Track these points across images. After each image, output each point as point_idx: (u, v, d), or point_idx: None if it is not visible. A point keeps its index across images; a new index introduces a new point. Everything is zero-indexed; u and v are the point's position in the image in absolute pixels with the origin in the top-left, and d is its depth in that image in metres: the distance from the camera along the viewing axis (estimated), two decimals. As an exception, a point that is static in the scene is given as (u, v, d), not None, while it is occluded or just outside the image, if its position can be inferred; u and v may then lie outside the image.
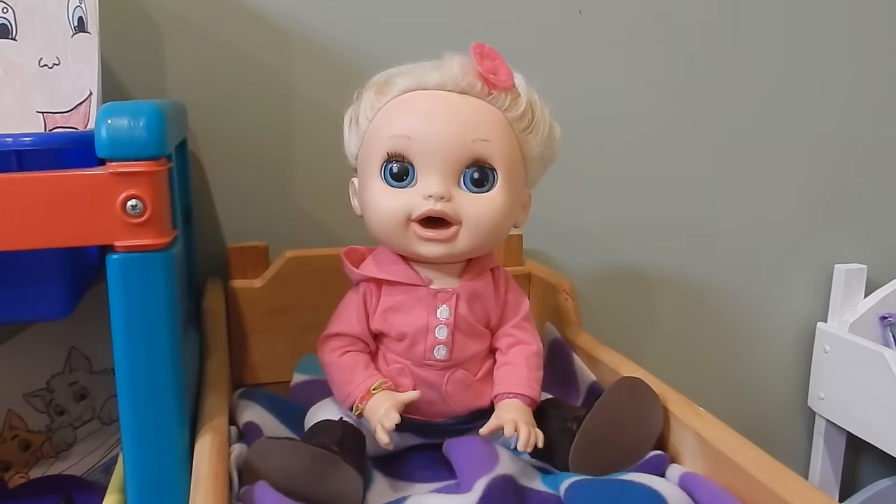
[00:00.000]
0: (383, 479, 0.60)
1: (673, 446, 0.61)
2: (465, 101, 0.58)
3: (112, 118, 0.47)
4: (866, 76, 1.03)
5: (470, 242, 0.59)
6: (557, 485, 0.56)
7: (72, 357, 0.77)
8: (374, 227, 0.61)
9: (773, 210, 1.03)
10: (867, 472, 1.13)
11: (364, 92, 0.61)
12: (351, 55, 0.84)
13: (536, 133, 0.61)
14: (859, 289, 1.03)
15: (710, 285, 1.03)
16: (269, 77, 0.84)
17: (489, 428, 0.58)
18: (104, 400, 0.78)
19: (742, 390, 1.07)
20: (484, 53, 0.58)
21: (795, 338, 1.07)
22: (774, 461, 0.52)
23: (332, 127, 0.65)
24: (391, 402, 0.57)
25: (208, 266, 0.84)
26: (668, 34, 0.94)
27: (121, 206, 0.47)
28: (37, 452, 0.77)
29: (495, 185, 0.59)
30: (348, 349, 0.62)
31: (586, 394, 0.72)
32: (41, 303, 0.53)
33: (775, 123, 1.01)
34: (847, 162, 1.05)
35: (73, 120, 0.61)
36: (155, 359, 0.50)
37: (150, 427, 0.51)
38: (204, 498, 0.47)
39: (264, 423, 0.65)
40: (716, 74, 0.97)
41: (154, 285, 0.49)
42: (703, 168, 0.99)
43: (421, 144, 0.57)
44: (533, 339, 0.64)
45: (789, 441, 1.10)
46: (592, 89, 0.93)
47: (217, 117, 0.82)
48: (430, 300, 0.61)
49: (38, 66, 0.61)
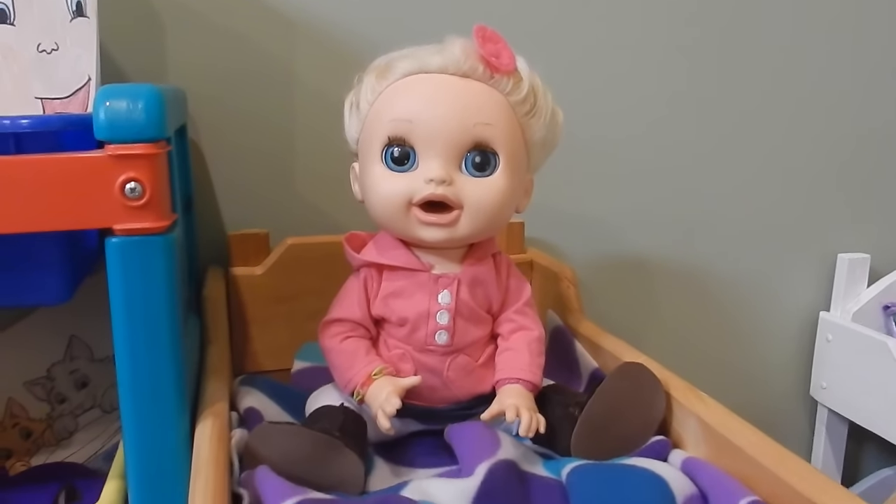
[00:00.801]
0: (385, 465, 0.60)
1: (676, 432, 0.61)
2: (467, 85, 0.58)
3: (110, 100, 0.47)
4: (868, 66, 1.02)
5: (471, 227, 0.58)
6: (559, 470, 0.55)
7: (72, 345, 0.77)
8: (375, 212, 0.60)
9: (776, 199, 1.03)
10: (869, 462, 1.13)
11: (365, 76, 0.61)
12: (353, 42, 0.84)
13: (539, 117, 0.60)
14: (862, 278, 1.03)
15: (713, 274, 1.03)
16: (270, 64, 0.83)
17: (491, 413, 0.57)
18: (105, 388, 0.78)
19: (744, 379, 1.07)
20: (486, 37, 0.58)
21: (798, 327, 1.07)
22: (777, 445, 0.52)
23: (333, 114, 0.65)
24: (392, 387, 0.57)
25: (209, 254, 0.83)
26: (672, 23, 0.94)
27: (119, 188, 0.47)
28: (38, 440, 0.76)
29: (497, 170, 0.58)
30: (349, 335, 0.61)
31: (588, 380, 0.71)
32: (40, 288, 0.53)
33: (778, 113, 1.00)
34: (850, 152, 1.04)
35: (71, 105, 0.60)
36: (155, 343, 0.50)
37: (151, 412, 0.51)
38: (205, 482, 0.47)
39: (265, 409, 0.65)
40: (719, 64, 0.97)
41: (154, 269, 0.49)
42: (705, 157, 0.99)
43: (422, 128, 0.57)
44: (535, 325, 0.64)
45: (791, 430, 1.10)
46: (595, 76, 0.93)
47: (217, 104, 0.82)
48: (432, 285, 0.60)
49: (36, 51, 0.60)
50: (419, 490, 0.53)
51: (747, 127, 1.00)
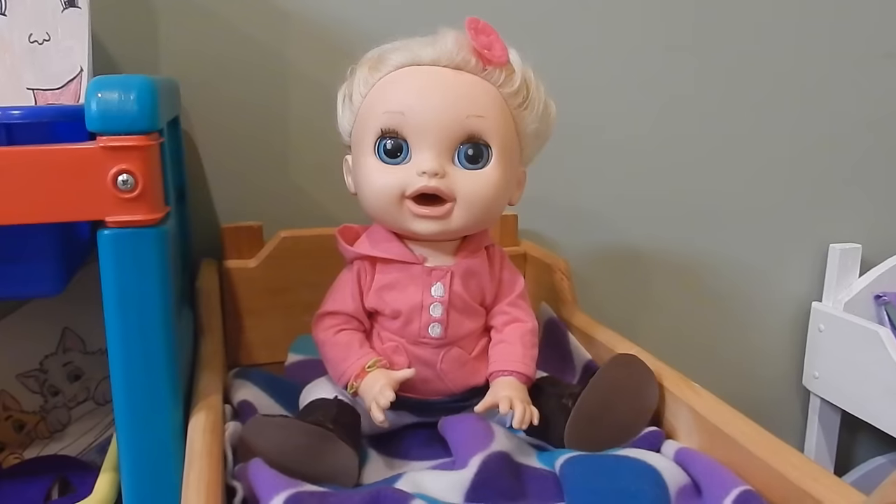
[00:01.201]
0: (379, 457, 0.60)
1: (668, 422, 0.61)
2: (460, 77, 0.58)
3: (102, 91, 0.47)
4: (860, 58, 1.02)
5: (464, 219, 0.58)
6: (553, 461, 0.55)
7: (65, 337, 0.76)
8: (368, 205, 0.60)
9: (768, 190, 1.03)
10: (862, 450, 1.14)
11: (358, 68, 0.61)
12: (347, 32, 0.83)
13: (531, 109, 0.60)
14: (854, 268, 1.03)
15: (706, 265, 1.03)
16: (264, 55, 0.83)
17: (484, 405, 0.58)
18: (98, 380, 0.78)
19: (737, 369, 1.07)
20: (479, 29, 0.58)
21: (790, 317, 1.08)
22: (769, 435, 0.52)
23: (327, 106, 0.65)
24: (386, 380, 0.57)
25: (202, 246, 0.83)
26: (666, 12, 0.94)
27: (111, 180, 0.47)
28: (31, 433, 0.76)
29: (490, 162, 0.58)
30: (343, 327, 0.61)
31: (582, 372, 0.72)
32: (33, 279, 0.53)
33: (771, 104, 1.00)
34: (841, 143, 1.04)
35: (63, 97, 0.60)
36: (148, 336, 0.50)
37: (144, 405, 0.51)
38: (198, 475, 0.47)
39: (259, 402, 0.65)
40: (714, 57, 0.96)
41: (146, 261, 0.49)
42: (698, 148, 0.99)
43: (415, 120, 0.57)
44: (528, 317, 0.64)
45: (784, 419, 1.10)
46: (588, 68, 0.93)
47: (211, 96, 0.82)
48: (425, 278, 0.60)
49: (28, 41, 0.60)
50: (413, 482, 0.53)
51: (741, 120, 1.00)
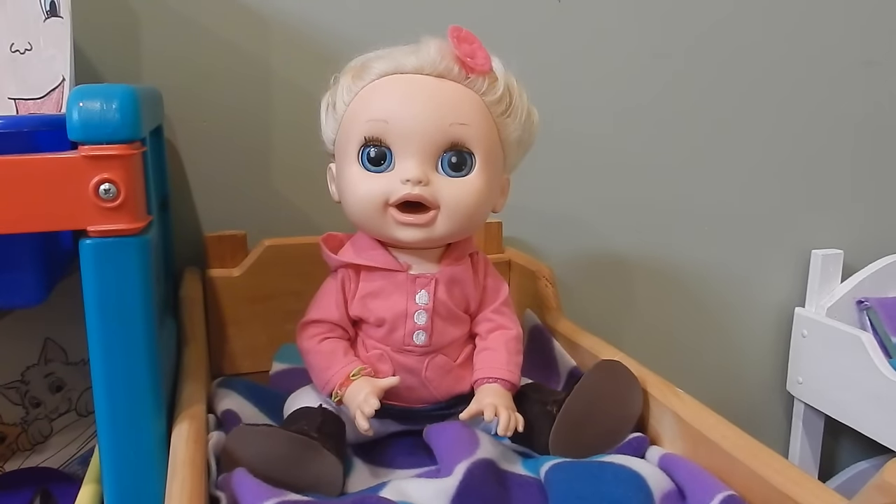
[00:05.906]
0: (364, 466, 0.60)
1: (653, 428, 0.61)
2: (443, 85, 0.58)
3: (84, 101, 0.46)
4: (844, 64, 1.03)
5: (448, 227, 0.58)
6: (538, 468, 0.56)
7: (47, 348, 0.76)
8: (351, 213, 0.60)
9: (750, 196, 1.04)
10: (845, 455, 1.14)
11: (341, 76, 0.61)
12: (329, 40, 0.83)
13: (514, 117, 0.61)
14: (836, 274, 1.04)
15: (689, 272, 1.03)
16: (247, 64, 0.83)
17: (469, 413, 0.58)
18: (81, 391, 0.77)
19: (721, 375, 1.07)
20: (461, 37, 0.58)
21: (774, 323, 1.08)
22: (752, 439, 0.53)
23: (310, 114, 0.65)
24: (370, 388, 0.57)
25: (186, 255, 0.83)
26: (647, 20, 0.94)
27: (93, 190, 0.47)
28: (12, 445, 0.75)
29: (473, 170, 0.58)
30: (327, 336, 0.61)
31: (567, 379, 0.72)
32: (14, 289, 0.52)
33: (752, 110, 1.01)
34: (822, 148, 1.05)
35: (45, 106, 0.60)
36: (130, 346, 0.50)
37: (126, 415, 0.50)
38: (181, 485, 0.47)
39: (243, 411, 0.65)
40: (695, 62, 0.97)
41: (128, 271, 0.49)
42: (681, 156, 1.00)
43: (398, 128, 0.57)
44: (512, 324, 0.64)
45: (768, 425, 1.11)
46: (571, 76, 0.93)
47: (193, 105, 0.81)
48: (409, 285, 0.60)
49: (9, 51, 0.59)
50: (398, 490, 0.53)
51: (723, 125, 1.00)
